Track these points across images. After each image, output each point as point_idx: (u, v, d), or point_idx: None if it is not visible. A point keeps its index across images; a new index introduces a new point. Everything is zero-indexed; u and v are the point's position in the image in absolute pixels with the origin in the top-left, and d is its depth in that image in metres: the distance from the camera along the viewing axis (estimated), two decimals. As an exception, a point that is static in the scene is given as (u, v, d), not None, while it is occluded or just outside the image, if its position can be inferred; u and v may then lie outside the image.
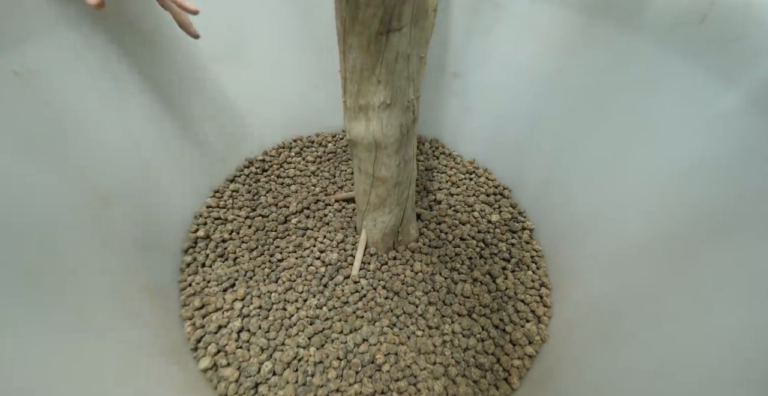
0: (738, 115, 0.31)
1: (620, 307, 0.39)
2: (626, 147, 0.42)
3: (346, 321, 0.49)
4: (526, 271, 0.54)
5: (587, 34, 0.43)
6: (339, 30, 0.32)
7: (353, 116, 0.39)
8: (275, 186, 0.65)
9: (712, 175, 0.33)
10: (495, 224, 0.60)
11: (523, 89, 0.55)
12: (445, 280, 0.53)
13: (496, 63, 0.57)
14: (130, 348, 0.38)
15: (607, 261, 0.44)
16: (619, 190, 0.43)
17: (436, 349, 0.46)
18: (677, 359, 0.30)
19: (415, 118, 0.40)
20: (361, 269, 0.54)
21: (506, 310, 0.50)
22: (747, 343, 0.26)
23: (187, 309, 0.49)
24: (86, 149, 0.41)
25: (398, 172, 0.44)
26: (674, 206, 0.36)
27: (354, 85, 0.35)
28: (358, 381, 0.43)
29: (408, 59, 0.34)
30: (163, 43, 0.49)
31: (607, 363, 0.37)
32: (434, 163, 0.71)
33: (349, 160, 0.71)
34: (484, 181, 0.67)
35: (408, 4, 0.29)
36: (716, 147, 0.33)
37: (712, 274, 0.31)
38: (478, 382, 0.44)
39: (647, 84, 0.39)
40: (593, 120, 0.46)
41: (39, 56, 0.36)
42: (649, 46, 0.38)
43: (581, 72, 0.46)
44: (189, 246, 0.55)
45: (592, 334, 0.41)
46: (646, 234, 0.39)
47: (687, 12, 0.34)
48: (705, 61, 0.34)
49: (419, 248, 0.56)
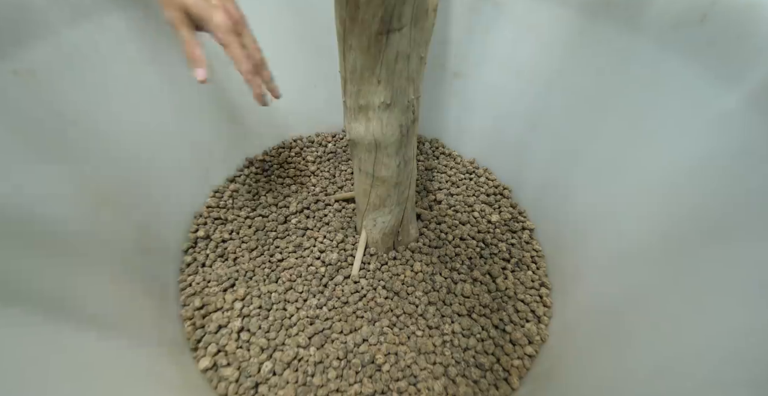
0: (738, 115, 0.31)
1: (620, 307, 0.39)
2: (626, 147, 0.42)
3: (346, 321, 0.49)
4: (526, 271, 0.54)
5: (587, 34, 0.43)
6: (339, 30, 0.32)
7: (353, 116, 0.39)
8: (275, 186, 0.65)
9: (712, 175, 0.33)
10: (495, 224, 0.60)
11: (523, 89, 0.55)
12: (445, 280, 0.53)
13: (496, 63, 0.57)
14: (130, 348, 0.38)
15: (608, 261, 0.44)
16: (619, 190, 0.43)
17: (436, 349, 0.46)
18: (677, 359, 0.30)
19: (415, 118, 0.40)
20: (361, 269, 0.54)
21: (506, 310, 0.50)
22: (747, 343, 0.26)
23: (187, 309, 0.49)
24: (86, 149, 0.41)
25: (398, 172, 0.44)
26: (674, 206, 0.36)
27: (354, 85, 0.35)
28: (358, 381, 0.43)
29: (408, 59, 0.34)
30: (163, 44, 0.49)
31: (607, 363, 0.37)
32: (434, 163, 0.71)
33: (349, 160, 0.71)
34: (484, 181, 0.67)
35: (408, 4, 0.29)
36: (716, 147, 0.33)
37: (712, 274, 0.31)
38: (478, 382, 0.44)
39: (647, 84, 0.39)
40: (593, 120, 0.46)
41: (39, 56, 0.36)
42: (649, 46, 0.38)
43: (581, 72, 0.46)
44: (189, 246, 0.56)
45: (592, 334, 0.41)
46: (646, 234, 0.39)
47: (687, 12, 0.34)
48: (705, 61, 0.34)
49: (419, 248, 0.56)
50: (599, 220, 0.46)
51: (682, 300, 0.33)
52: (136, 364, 0.37)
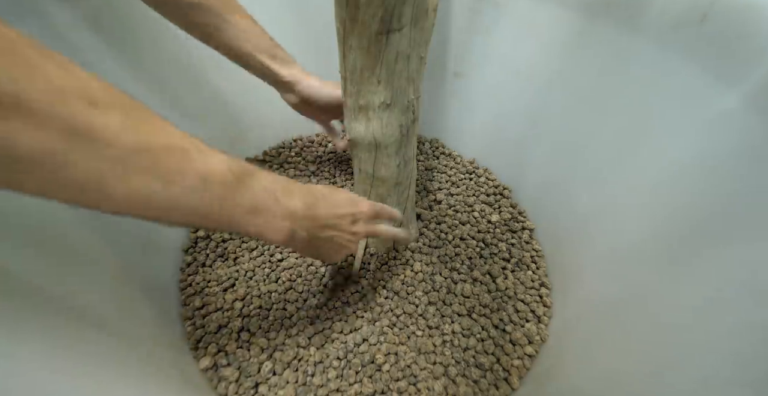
0: (738, 115, 0.31)
1: (620, 307, 0.39)
2: (626, 147, 0.42)
3: (346, 321, 0.49)
4: (526, 271, 0.54)
5: (587, 34, 0.43)
6: (339, 30, 0.32)
7: (353, 116, 0.39)
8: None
9: (712, 175, 0.33)
10: (495, 224, 0.60)
11: (523, 89, 0.55)
12: (445, 280, 0.53)
13: (496, 63, 0.57)
14: (130, 347, 0.38)
15: (608, 261, 0.44)
16: (619, 190, 0.43)
17: (436, 349, 0.46)
18: (677, 359, 0.30)
19: (415, 118, 0.40)
20: (361, 269, 0.54)
21: (506, 310, 0.50)
22: (747, 343, 0.26)
23: (187, 309, 0.49)
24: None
25: (398, 172, 0.44)
26: (674, 206, 0.36)
27: (354, 85, 0.35)
28: (358, 381, 0.43)
29: (408, 59, 0.34)
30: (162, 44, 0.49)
31: (607, 363, 0.37)
32: (434, 163, 0.71)
33: (349, 160, 0.71)
34: (484, 181, 0.67)
35: (408, 4, 0.29)
36: (716, 147, 0.33)
37: (712, 274, 0.31)
38: (478, 381, 0.44)
39: (647, 84, 0.39)
40: (593, 120, 0.46)
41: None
42: (649, 46, 0.38)
43: (581, 72, 0.46)
44: (189, 246, 0.55)
45: (592, 334, 0.41)
46: (646, 233, 0.39)
47: (687, 12, 0.34)
48: (705, 61, 0.34)
49: (419, 248, 0.56)
50: (599, 219, 0.46)
51: (681, 300, 0.33)
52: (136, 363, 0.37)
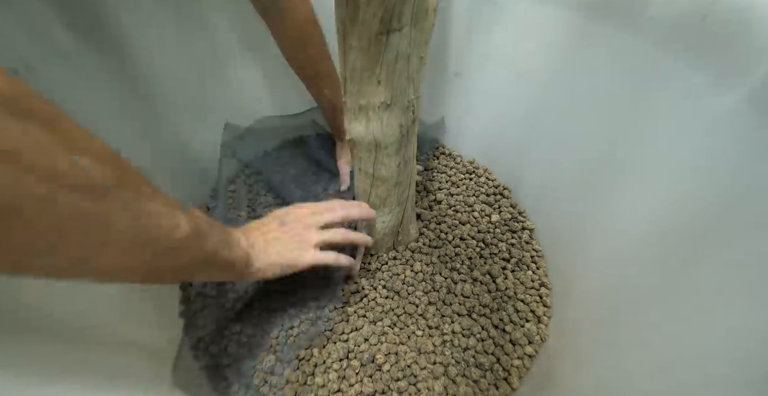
0: (738, 115, 0.31)
1: (620, 307, 0.39)
2: (626, 147, 0.42)
3: (346, 321, 0.49)
4: (526, 271, 0.54)
5: (587, 34, 0.43)
6: (339, 30, 0.32)
7: (353, 116, 0.39)
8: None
9: (712, 175, 0.33)
10: (495, 224, 0.60)
11: (523, 89, 0.55)
12: (445, 280, 0.53)
13: (496, 63, 0.57)
14: (130, 348, 0.38)
15: (608, 261, 0.44)
16: (619, 190, 0.43)
17: (436, 349, 0.46)
18: (678, 359, 0.30)
19: (415, 118, 0.40)
20: (362, 269, 0.54)
21: (506, 310, 0.50)
22: (748, 343, 0.26)
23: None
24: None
25: (398, 172, 0.44)
26: (674, 206, 0.36)
27: (354, 85, 0.35)
28: (359, 381, 0.44)
29: (408, 59, 0.34)
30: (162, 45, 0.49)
31: (607, 362, 0.37)
32: (434, 163, 0.71)
33: (349, 160, 0.71)
34: (484, 181, 0.67)
35: (408, 4, 0.29)
36: (716, 147, 0.33)
37: (712, 274, 0.31)
38: (478, 381, 0.44)
39: (647, 84, 0.39)
40: (593, 120, 0.46)
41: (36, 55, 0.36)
42: (649, 46, 0.38)
43: (581, 72, 0.46)
44: (189, 246, 0.55)
45: (592, 334, 0.41)
46: (646, 233, 0.39)
47: (687, 11, 0.34)
48: (705, 61, 0.34)
49: (419, 248, 0.56)
50: (599, 219, 0.46)
51: (681, 300, 0.33)
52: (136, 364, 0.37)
